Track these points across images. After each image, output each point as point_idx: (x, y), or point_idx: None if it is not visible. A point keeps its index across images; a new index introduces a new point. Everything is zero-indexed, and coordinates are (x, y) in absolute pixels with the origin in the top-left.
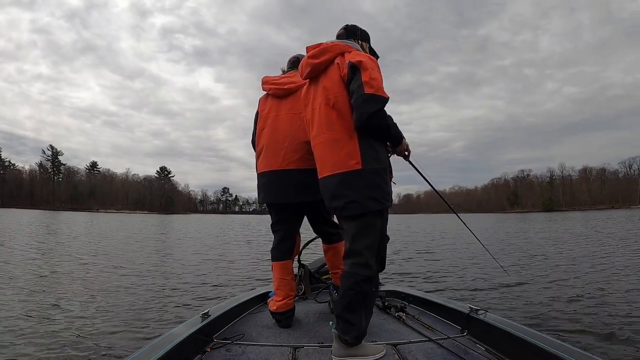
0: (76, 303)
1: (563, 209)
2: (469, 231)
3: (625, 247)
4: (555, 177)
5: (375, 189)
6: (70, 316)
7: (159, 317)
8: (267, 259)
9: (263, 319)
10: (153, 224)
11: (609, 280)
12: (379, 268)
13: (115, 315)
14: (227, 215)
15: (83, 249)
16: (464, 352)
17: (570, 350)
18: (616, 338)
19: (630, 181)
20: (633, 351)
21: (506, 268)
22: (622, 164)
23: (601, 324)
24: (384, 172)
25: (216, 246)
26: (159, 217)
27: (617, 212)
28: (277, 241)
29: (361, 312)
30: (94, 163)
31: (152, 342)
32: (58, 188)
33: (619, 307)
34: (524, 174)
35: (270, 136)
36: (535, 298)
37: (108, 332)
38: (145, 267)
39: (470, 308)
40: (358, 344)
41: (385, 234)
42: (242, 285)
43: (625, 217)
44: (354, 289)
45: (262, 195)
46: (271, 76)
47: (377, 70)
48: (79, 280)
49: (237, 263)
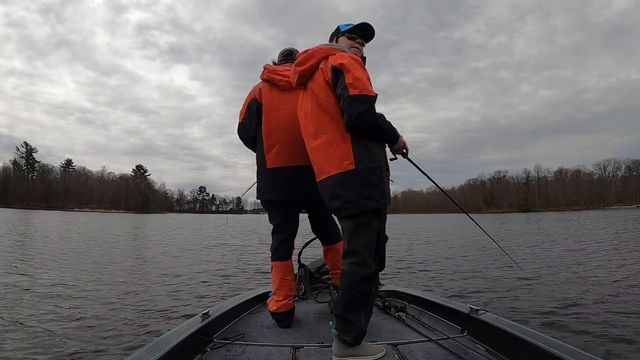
0: (75, 304)
1: (539, 209)
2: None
3: (623, 247)
4: (531, 179)
5: (370, 188)
6: (70, 316)
7: (159, 317)
8: (266, 259)
9: (263, 319)
10: (138, 223)
11: (609, 280)
12: (378, 267)
13: (115, 315)
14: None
15: (70, 249)
16: (464, 352)
17: (570, 350)
18: (616, 338)
19: (604, 183)
20: (633, 351)
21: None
22: (597, 166)
23: (601, 323)
24: (380, 171)
25: (216, 246)
26: (136, 217)
27: (593, 212)
28: (279, 241)
29: (360, 312)
30: (69, 161)
31: (152, 342)
32: (32, 186)
33: (619, 307)
34: (500, 175)
35: (287, 131)
36: (536, 298)
37: (108, 332)
38: (145, 267)
39: (470, 308)
40: (358, 344)
41: (383, 233)
42: (242, 286)
43: (611, 218)
44: (352, 289)
45: (274, 192)
46: (274, 66)
47: (360, 70)
48: (77, 281)
49: (237, 263)
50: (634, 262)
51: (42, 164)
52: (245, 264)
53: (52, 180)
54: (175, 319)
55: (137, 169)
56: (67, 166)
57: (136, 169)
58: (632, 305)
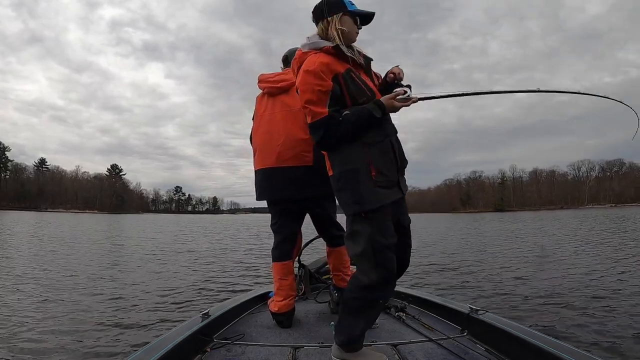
0: (75, 304)
1: (514, 209)
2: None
3: (623, 246)
4: (506, 179)
5: (346, 193)
6: (69, 317)
7: (159, 317)
8: (266, 259)
9: (263, 319)
10: (122, 224)
11: (609, 279)
12: (378, 277)
13: (116, 315)
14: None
15: (65, 250)
16: (464, 352)
17: (570, 351)
18: (616, 338)
19: (579, 183)
20: (633, 351)
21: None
22: (571, 167)
23: (602, 323)
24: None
25: (214, 246)
26: (114, 218)
27: (568, 211)
28: (279, 241)
29: (355, 318)
30: (42, 160)
31: (152, 342)
32: (5, 186)
33: (619, 307)
34: (476, 175)
35: (265, 134)
36: (536, 298)
37: (108, 332)
38: (144, 267)
39: (470, 308)
40: (347, 349)
41: (377, 239)
42: (242, 286)
43: (594, 217)
44: (350, 292)
45: (263, 192)
46: (267, 74)
47: (309, 91)
48: (76, 282)
49: (236, 263)
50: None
51: (15, 163)
52: (245, 264)
53: (26, 180)
54: (175, 319)
55: (112, 169)
56: (41, 165)
57: (111, 168)
58: (632, 305)
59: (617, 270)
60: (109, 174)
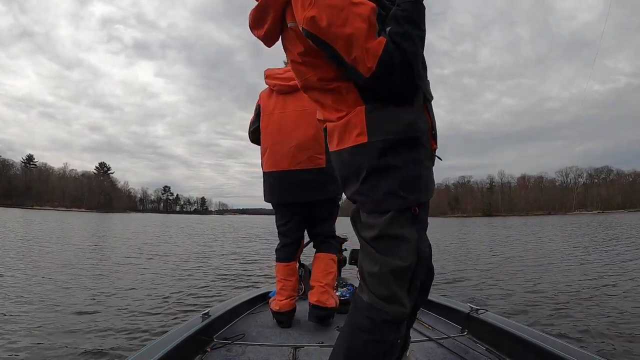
0: (75, 304)
1: (502, 214)
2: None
3: (619, 248)
4: (494, 184)
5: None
6: (69, 317)
7: (159, 317)
8: (266, 259)
9: (263, 319)
10: (115, 224)
11: (609, 279)
12: (410, 306)
13: (115, 315)
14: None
15: (69, 248)
16: (465, 352)
17: (570, 350)
18: (616, 337)
19: (566, 189)
20: (633, 351)
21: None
22: (560, 173)
23: (602, 323)
24: None
25: (213, 246)
26: (102, 216)
27: (556, 217)
28: (284, 243)
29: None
30: (30, 157)
31: (152, 342)
32: None
33: (620, 307)
34: (465, 180)
35: (276, 134)
36: (536, 298)
37: (108, 333)
38: (144, 267)
39: (470, 307)
40: None
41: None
42: (242, 286)
43: (585, 223)
44: (364, 333)
45: (274, 195)
46: (275, 69)
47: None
48: (76, 282)
49: (236, 263)
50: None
51: (2, 159)
52: (245, 264)
53: (13, 177)
54: (175, 319)
55: (100, 167)
56: (29, 162)
57: (99, 166)
58: (633, 305)
59: (617, 271)
60: (97, 172)
